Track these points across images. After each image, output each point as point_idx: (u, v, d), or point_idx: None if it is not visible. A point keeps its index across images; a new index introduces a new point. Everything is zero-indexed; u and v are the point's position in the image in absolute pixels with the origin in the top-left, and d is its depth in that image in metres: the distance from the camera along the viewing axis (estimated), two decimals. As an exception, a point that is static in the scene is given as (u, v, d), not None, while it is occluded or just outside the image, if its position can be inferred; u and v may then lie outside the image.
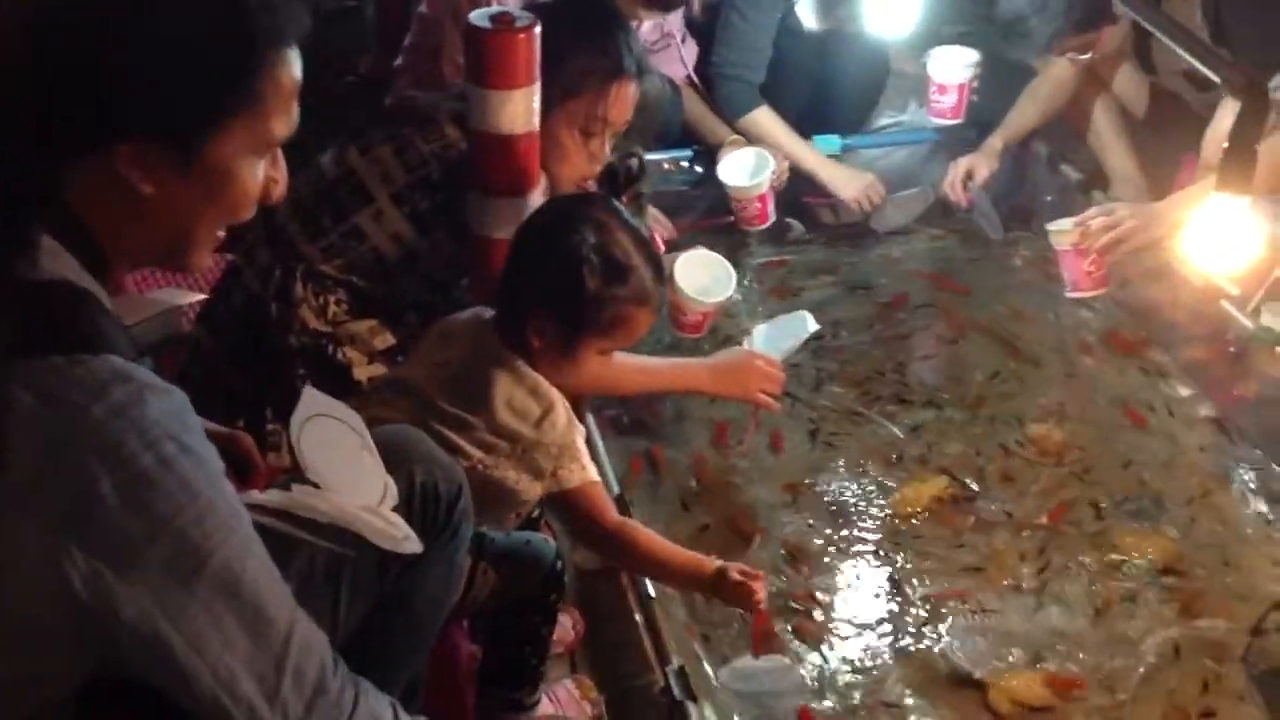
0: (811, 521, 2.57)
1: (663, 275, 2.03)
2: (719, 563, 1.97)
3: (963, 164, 3.43)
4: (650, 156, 3.41)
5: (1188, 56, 2.06)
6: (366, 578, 1.69)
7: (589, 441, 2.35)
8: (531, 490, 1.99)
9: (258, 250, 2.41)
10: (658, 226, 3.19)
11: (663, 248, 2.35)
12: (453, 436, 1.93)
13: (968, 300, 3.29)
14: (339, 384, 2.35)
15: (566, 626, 2.36)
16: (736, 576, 1.95)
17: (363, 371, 2.40)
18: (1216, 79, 1.93)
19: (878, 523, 2.56)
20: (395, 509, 1.65)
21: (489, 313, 2.06)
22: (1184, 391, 2.85)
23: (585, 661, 2.34)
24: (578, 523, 2.01)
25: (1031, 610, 2.33)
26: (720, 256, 2.78)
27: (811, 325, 2.59)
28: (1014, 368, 3.01)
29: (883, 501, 2.61)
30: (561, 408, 1.98)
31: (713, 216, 3.49)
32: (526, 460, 1.96)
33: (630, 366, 2.36)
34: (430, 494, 1.76)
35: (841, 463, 2.72)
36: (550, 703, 2.22)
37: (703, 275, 2.72)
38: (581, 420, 2.39)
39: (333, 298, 2.38)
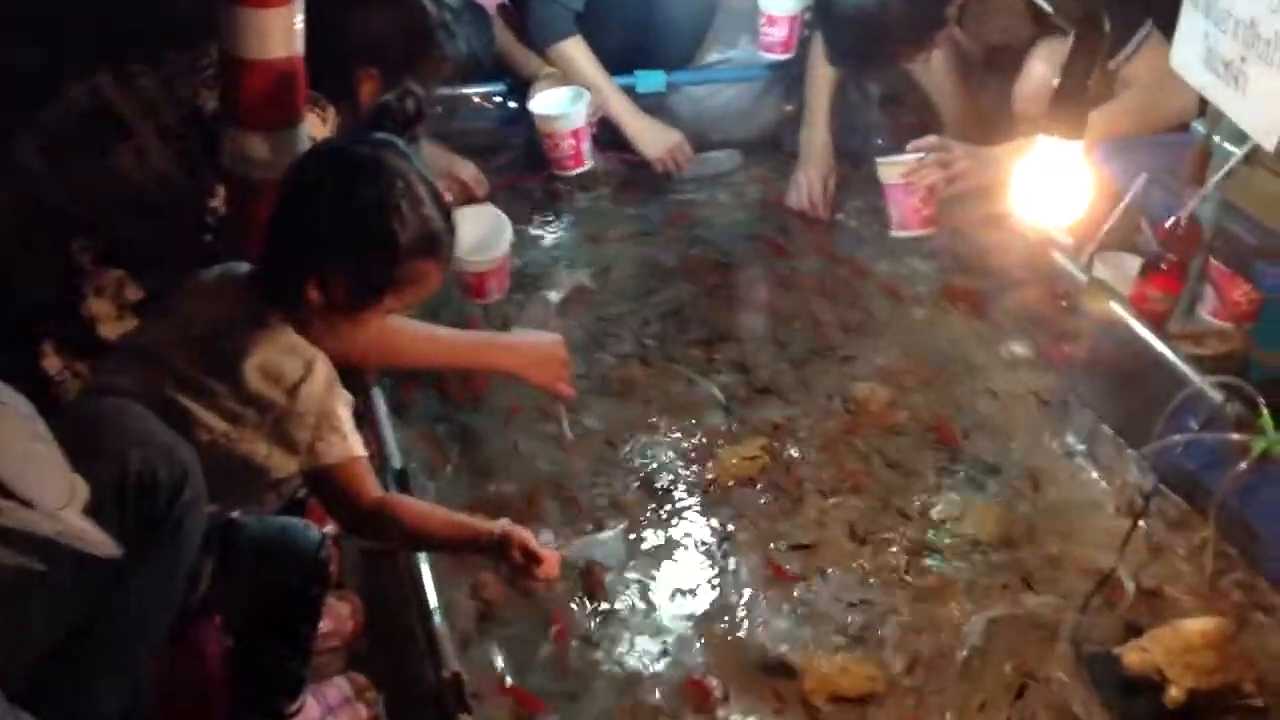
0: (623, 488, 2.37)
1: (454, 227, 1.80)
2: (503, 526, 1.77)
3: (807, 179, 3.22)
4: (461, 90, 3.17)
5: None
6: (62, 590, 1.44)
7: (369, 415, 2.12)
8: (284, 466, 1.75)
9: None
10: (472, 181, 2.94)
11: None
12: (191, 405, 1.71)
13: (792, 251, 3.10)
14: (84, 341, 2.08)
15: (343, 616, 2.14)
16: (518, 556, 1.75)
17: (110, 328, 2.13)
18: (1050, 9, 1.74)
19: (692, 489, 2.37)
20: (96, 506, 1.39)
21: (244, 267, 1.81)
22: (1017, 349, 2.70)
23: (365, 655, 2.11)
24: (334, 502, 1.78)
25: (851, 588, 2.15)
26: (495, 209, 2.59)
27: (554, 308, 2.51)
28: (840, 322, 2.83)
29: (698, 468, 2.42)
30: (322, 371, 1.75)
31: (529, 173, 3.24)
32: (279, 432, 1.73)
33: (418, 335, 2.14)
34: (147, 483, 1.52)
35: (656, 424, 2.52)
36: (318, 704, 1.98)
37: (473, 232, 2.50)
38: (366, 392, 2.15)
39: (76, 243, 2.09)
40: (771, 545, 2.24)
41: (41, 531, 1.29)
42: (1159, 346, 2.25)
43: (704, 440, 2.48)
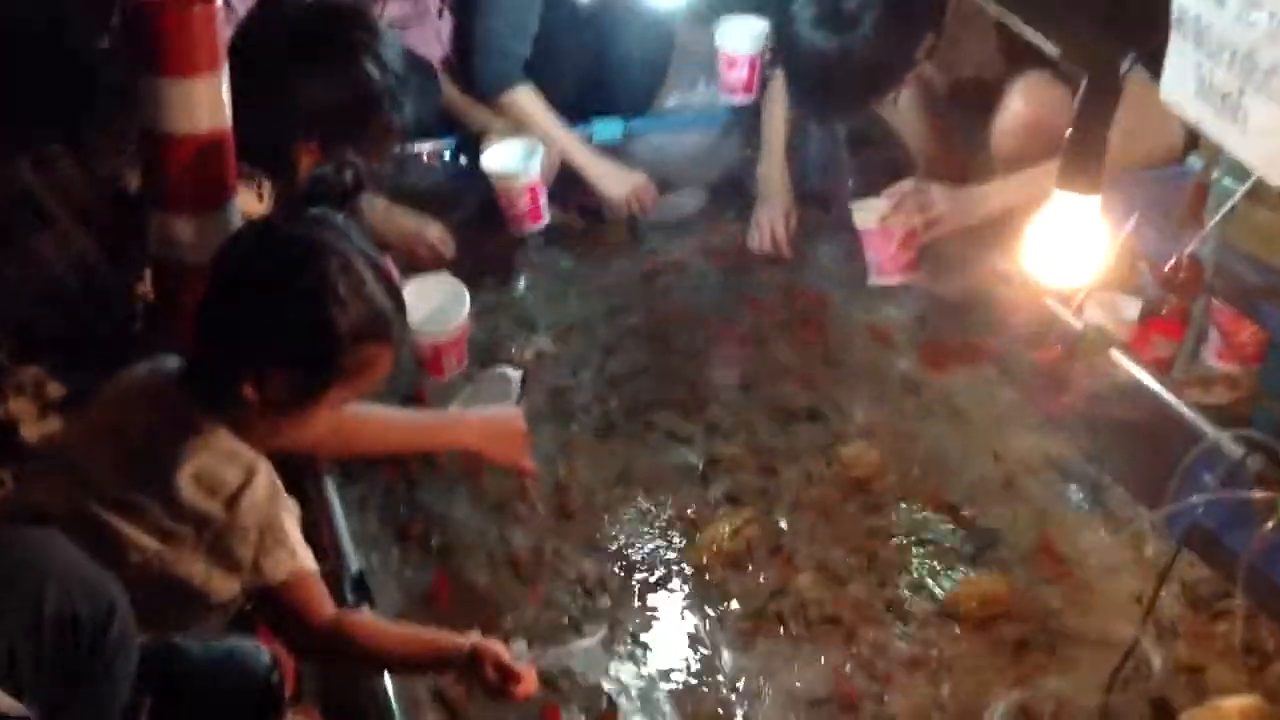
0: (600, 580, 2.18)
1: (402, 305, 1.64)
2: (473, 641, 1.60)
3: (768, 218, 3.06)
4: (408, 148, 3.01)
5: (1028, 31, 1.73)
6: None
7: (320, 508, 1.95)
8: (225, 588, 1.58)
9: None
10: (439, 241, 2.77)
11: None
12: (119, 524, 1.54)
13: (764, 303, 2.93)
14: (4, 444, 1.91)
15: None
16: (491, 674, 1.58)
17: (32, 429, 1.97)
18: (1056, 53, 1.60)
19: (676, 573, 2.19)
20: (8, 657, 1.21)
21: (172, 362, 1.63)
22: (1012, 403, 2.53)
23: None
24: (283, 624, 1.62)
25: (855, 677, 1.98)
26: (452, 279, 2.45)
27: (517, 380, 2.35)
28: (819, 377, 2.67)
29: (681, 547, 2.24)
30: (264, 478, 1.59)
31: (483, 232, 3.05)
32: (218, 549, 1.57)
33: (369, 420, 1.97)
34: (67, 623, 1.34)
35: (631, 499, 2.35)
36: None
37: (427, 303, 2.37)
38: (317, 478, 1.98)
39: None
40: (757, 631, 2.07)
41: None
42: (1168, 397, 2.11)
43: (685, 513, 2.31)
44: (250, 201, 1.95)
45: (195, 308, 1.62)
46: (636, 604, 2.13)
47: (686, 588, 2.16)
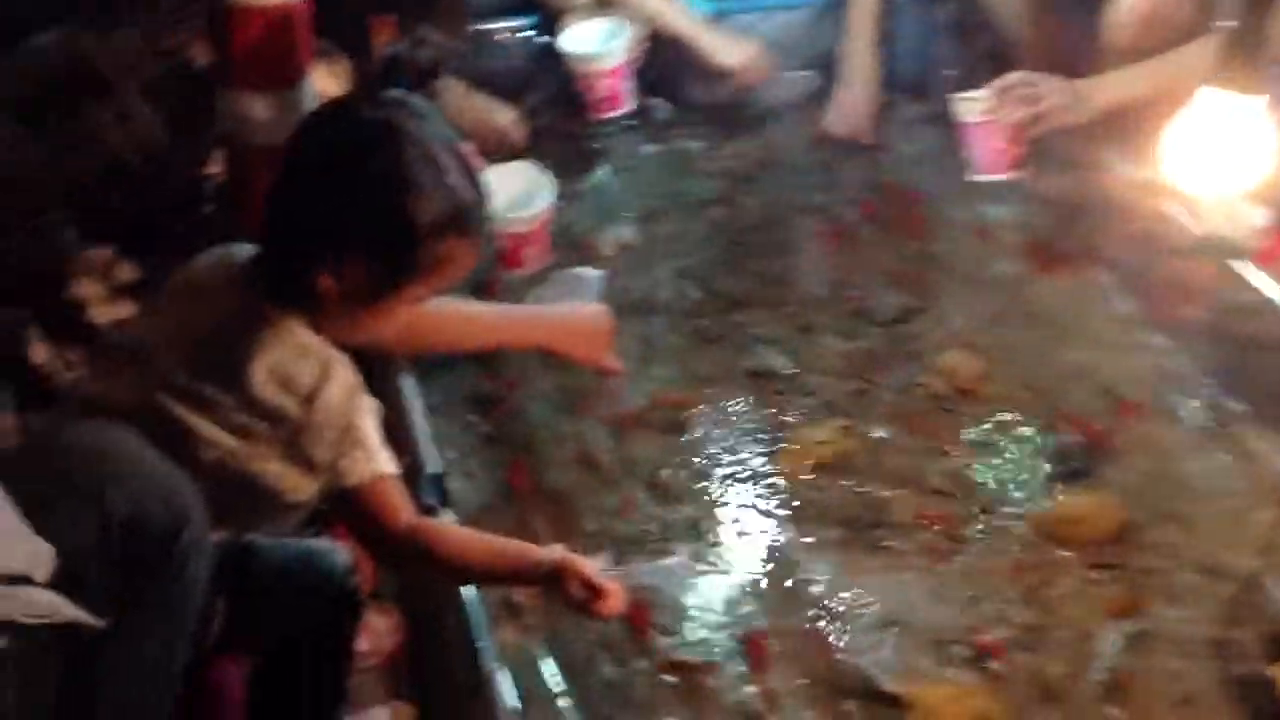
0: (685, 484, 2.09)
1: (486, 195, 1.53)
2: (558, 555, 1.51)
3: (850, 100, 2.86)
4: (485, 26, 2.87)
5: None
6: (35, 665, 1.18)
7: (399, 410, 1.85)
8: (303, 487, 1.50)
9: None
10: (511, 127, 2.63)
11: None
12: (191, 419, 1.44)
13: (860, 199, 2.78)
14: (73, 330, 1.83)
15: (382, 632, 1.89)
16: (576, 590, 1.50)
17: (102, 312, 1.87)
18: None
19: (761, 481, 2.09)
20: (75, 562, 1.13)
21: (244, 250, 1.53)
22: (1125, 313, 2.38)
23: (412, 676, 1.85)
24: (361, 529, 1.53)
25: (953, 600, 1.88)
26: (535, 166, 2.33)
27: (597, 282, 2.19)
28: (916, 278, 2.53)
29: (766, 455, 2.14)
30: (341, 377, 1.49)
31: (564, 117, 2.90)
32: (294, 449, 1.47)
33: (453, 314, 1.87)
34: (135, 529, 1.25)
35: (720, 399, 2.24)
36: (352, 743, 1.73)
37: (507, 191, 2.25)
38: (392, 381, 1.89)
39: (57, 217, 1.82)
40: (848, 549, 1.97)
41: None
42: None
43: (773, 418, 2.20)
44: (325, 80, 1.83)
45: (266, 192, 1.51)
46: (720, 512, 2.04)
47: (774, 497, 2.06)
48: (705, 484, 2.09)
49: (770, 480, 2.09)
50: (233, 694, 1.63)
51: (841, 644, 1.82)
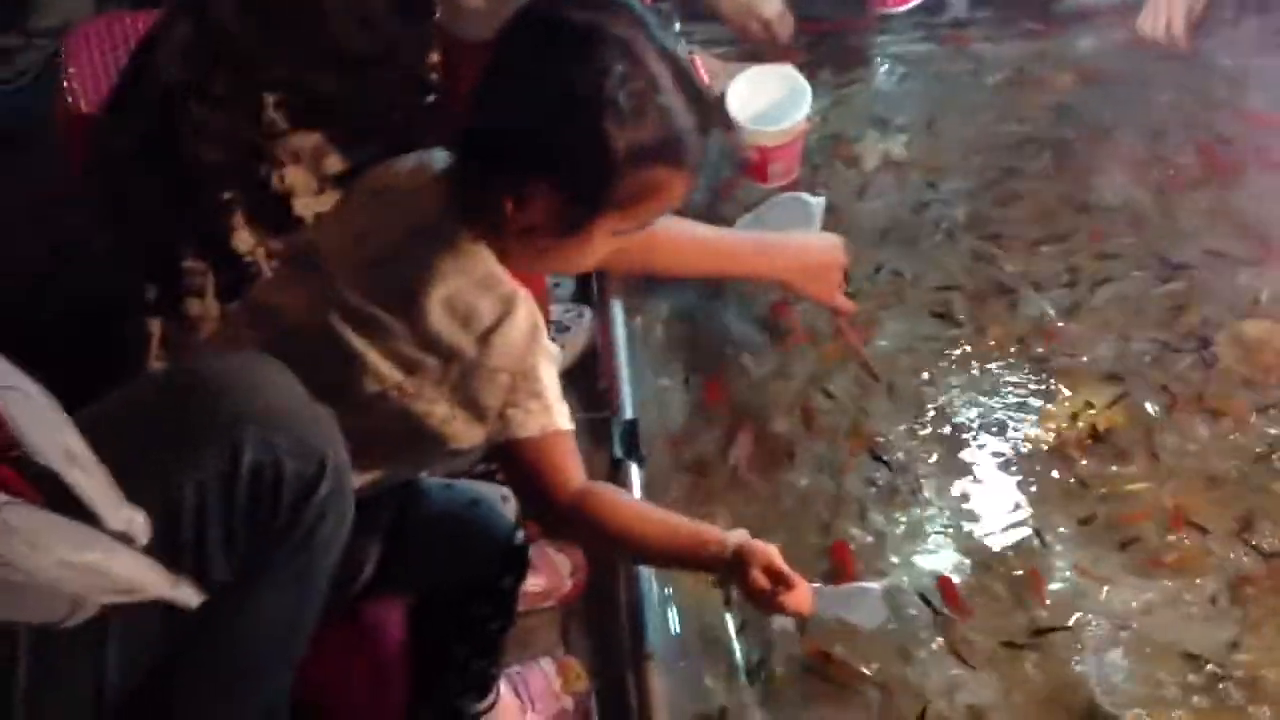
0: (922, 435, 1.87)
1: (710, 119, 1.33)
2: (739, 539, 1.33)
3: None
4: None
5: None
6: (145, 623, 1.10)
7: (602, 338, 1.69)
8: (467, 434, 1.34)
9: (178, 22, 1.75)
10: (777, 20, 2.37)
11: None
12: (360, 346, 1.31)
13: (1171, 120, 2.40)
14: (277, 218, 1.73)
15: (562, 574, 1.78)
16: (760, 579, 1.32)
17: (307, 204, 1.76)
18: None
19: (1012, 444, 1.86)
20: (198, 507, 1.06)
21: (441, 159, 1.37)
22: None
23: (583, 627, 1.76)
24: (525, 488, 1.37)
25: (1214, 620, 1.61)
26: (793, 72, 2.09)
27: (818, 209, 1.93)
28: (1227, 228, 2.17)
29: (1022, 414, 1.89)
30: (524, 315, 1.32)
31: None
32: (464, 390, 1.32)
33: (675, 237, 1.71)
34: (266, 480, 1.13)
35: (971, 349, 1.99)
36: (516, 695, 1.63)
37: (762, 97, 2.04)
38: (604, 301, 1.73)
39: (272, 96, 1.71)
40: (1103, 546, 1.73)
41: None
42: None
43: (1028, 378, 1.95)
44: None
45: (470, 96, 1.35)
46: (959, 480, 1.83)
47: (1028, 470, 1.83)
48: (943, 446, 1.87)
49: (1018, 448, 1.85)
50: (392, 632, 1.54)
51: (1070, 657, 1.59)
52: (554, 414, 1.33)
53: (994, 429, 1.88)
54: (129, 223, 1.80)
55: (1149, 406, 1.89)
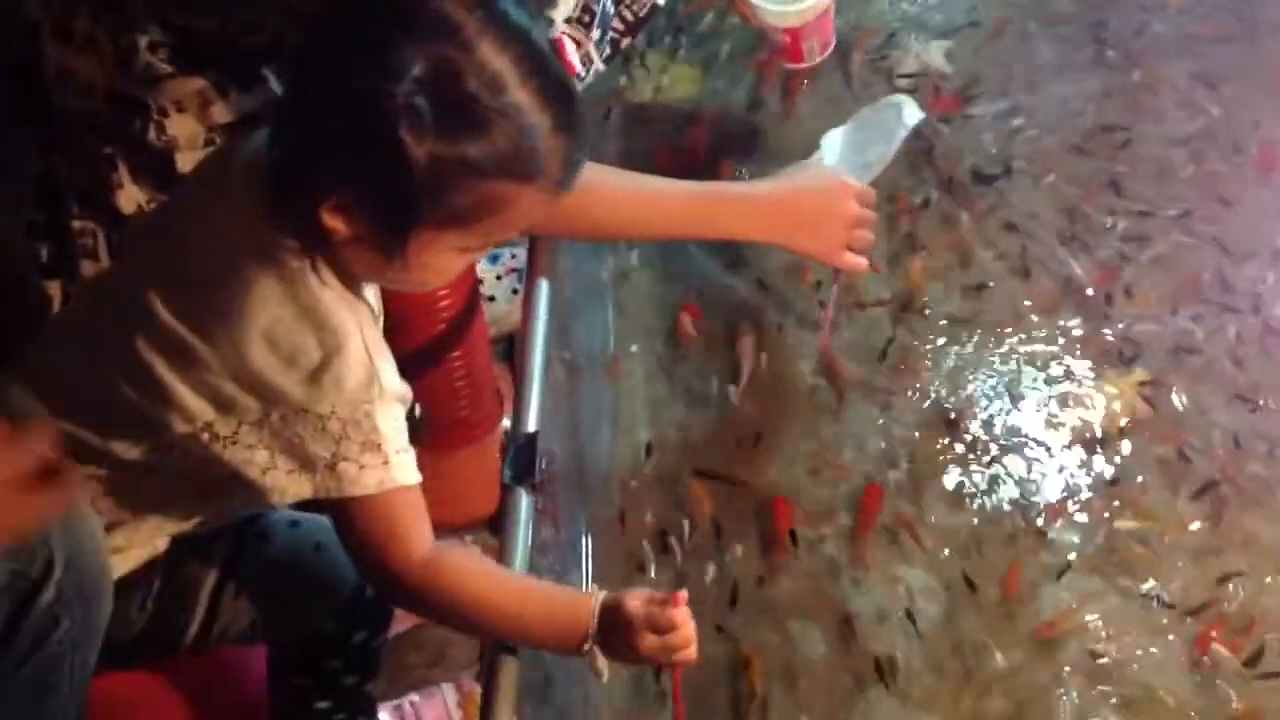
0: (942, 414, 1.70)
1: (573, 116, 1.05)
2: (603, 594, 1.14)
3: None
4: None
5: None
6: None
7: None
8: (292, 487, 1.12)
9: None
10: None
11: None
12: (168, 378, 1.09)
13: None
14: (162, 174, 1.49)
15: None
16: (650, 640, 1.12)
17: (188, 159, 1.52)
18: None
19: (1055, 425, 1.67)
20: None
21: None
22: None
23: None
24: (359, 551, 1.15)
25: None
26: None
27: (912, 115, 1.64)
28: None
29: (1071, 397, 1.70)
30: (358, 350, 1.09)
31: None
32: (286, 438, 1.10)
33: (619, 192, 1.49)
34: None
35: (993, 325, 1.78)
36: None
37: None
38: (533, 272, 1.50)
39: (144, 38, 1.46)
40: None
41: None
42: None
43: (1076, 354, 1.74)
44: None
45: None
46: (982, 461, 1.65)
47: (1069, 456, 1.64)
48: (977, 421, 1.70)
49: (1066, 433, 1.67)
50: (255, 670, 1.36)
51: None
52: (394, 468, 1.11)
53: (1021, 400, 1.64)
54: (8, 177, 1.61)
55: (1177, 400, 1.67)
